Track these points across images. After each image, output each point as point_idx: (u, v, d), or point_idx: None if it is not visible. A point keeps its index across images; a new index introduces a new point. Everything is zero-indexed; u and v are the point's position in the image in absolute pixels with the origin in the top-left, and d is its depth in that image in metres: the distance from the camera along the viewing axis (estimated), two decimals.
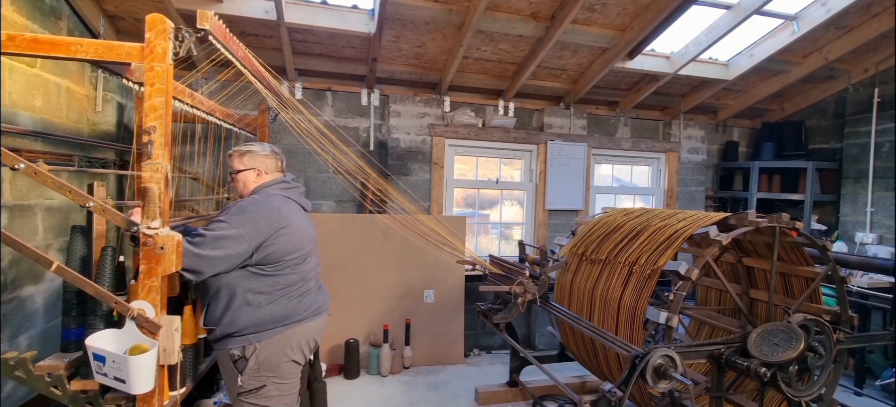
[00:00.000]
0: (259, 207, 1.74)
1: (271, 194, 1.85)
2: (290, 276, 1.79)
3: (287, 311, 1.78)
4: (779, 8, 3.44)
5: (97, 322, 1.67)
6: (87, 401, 1.60)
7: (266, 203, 1.78)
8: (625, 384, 1.88)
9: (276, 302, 1.76)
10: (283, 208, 1.80)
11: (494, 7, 3.05)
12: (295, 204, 1.90)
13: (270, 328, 1.74)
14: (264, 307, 1.73)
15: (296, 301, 1.81)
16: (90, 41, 1.46)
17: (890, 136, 4.07)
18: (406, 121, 3.93)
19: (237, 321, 1.71)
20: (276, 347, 1.75)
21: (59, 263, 1.40)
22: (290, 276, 1.79)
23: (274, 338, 1.75)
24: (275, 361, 1.75)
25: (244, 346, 1.72)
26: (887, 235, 4.07)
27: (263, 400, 1.77)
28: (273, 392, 1.77)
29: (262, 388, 1.75)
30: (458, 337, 3.85)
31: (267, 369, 1.74)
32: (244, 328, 1.71)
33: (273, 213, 1.75)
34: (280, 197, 1.85)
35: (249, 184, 1.90)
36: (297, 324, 1.80)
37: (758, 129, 5.15)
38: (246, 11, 2.92)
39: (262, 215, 1.72)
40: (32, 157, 1.78)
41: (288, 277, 1.79)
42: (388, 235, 3.64)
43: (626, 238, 2.58)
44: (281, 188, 1.90)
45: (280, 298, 1.77)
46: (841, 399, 2.63)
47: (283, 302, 1.77)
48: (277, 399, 1.79)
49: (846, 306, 2.52)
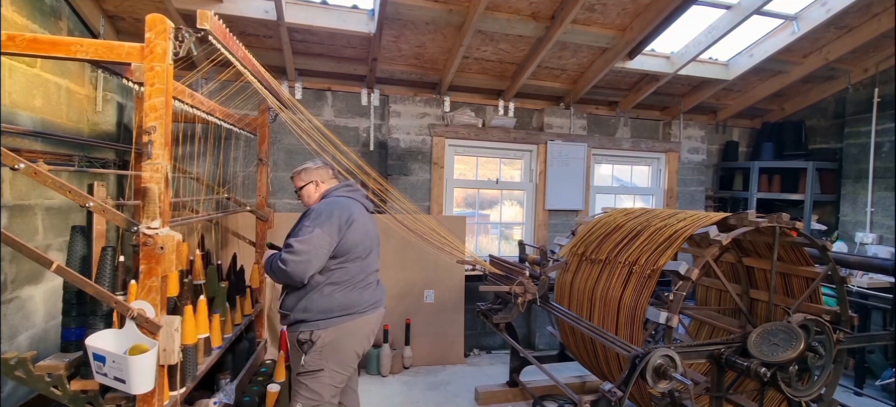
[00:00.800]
0: (331, 206, 2.00)
1: (338, 195, 2.12)
2: (354, 268, 2.01)
3: (351, 301, 1.98)
4: (779, 8, 3.44)
5: (97, 322, 1.67)
6: (87, 401, 1.60)
7: (336, 202, 2.04)
8: (625, 384, 1.88)
9: (342, 292, 1.97)
10: (350, 206, 2.05)
11: (494, 7, 3.05)
12: (359, 204, 2.14)
13: (336, 316, 1.94)
14: (333, 296, 1.95)
15: (358, 292, 2.02)
16: (90, 41, 1.46)
17: (890, 136, 4.07)
18: (406, 121, 3.93)
19: (309, 308, 1.93)
20: (340, 334, 1.95)
21: (59, 263, 1.40)
22: (353, 268, 2.01)
23: (339, 326, 1.95)
24: (336, 346, 1.95)
25: (312, 330, 1.93)
26: (887, 235, 4.07)
27: (316, 384, 1.95)
28: (327, 379, 1.95)
29: (320, 371, 1.94)
30: (458, 337, 3.85)
31: (330, 354, 1.94)
32: (316, 315, 1.92)
33: (343, 209, 2.00)
34: (346, 197, 2.11)
35: (313, 194, 2.18)
36: (359, 315, 2.01)
37: (758, 129, 5.15)
38: (246, 11, 2.92)
39: (335, 212, 1.97)
40: (32, 157, 1.78)
41: (352, 269, 2.00)
42: (389, 234, 3.64)
43: (626, 238, 2.58)
44: (345, 191, 2.16)
45: (346, 288, 1.98)
46: (841, 399, 2.63)
47: (348, 292, 1.98)
48: (328, 387, 1.97)
49: (846, 306, 2.52)
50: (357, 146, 3.95)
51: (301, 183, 2.19)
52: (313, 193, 2.17)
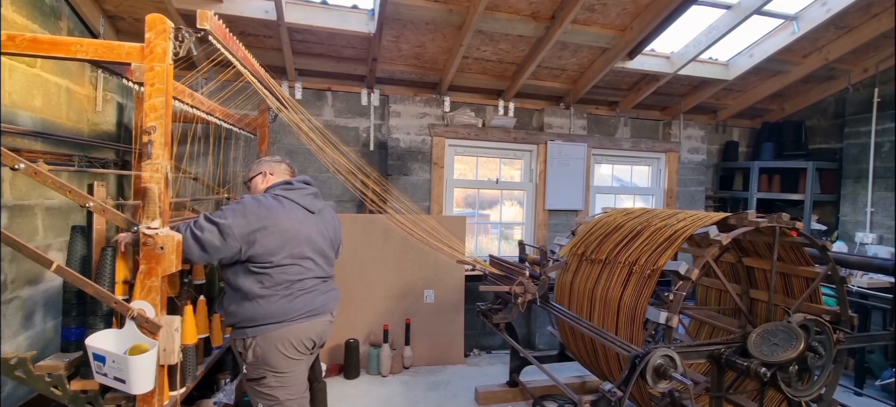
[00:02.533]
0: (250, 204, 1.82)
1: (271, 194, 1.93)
2: (283, 275, 1.84)
3: (280, 309, 1.84)
4: (779, 8, 3.44)
5: (97, 322, 1.68)
6: (87, 401, 1.60)
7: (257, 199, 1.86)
8: (625, 384, 1.88)
9: (268, 300, 1.82)
10: (272, 206, 1.85)
11: (494, 7, 3.05)
12: (293, 203, 1.93)
13: (263, 324, 1.82)
14: (259, 304, 1.81)
15: (287, 301, 1.86)
16: (90, 41, 1.46)
17: (890, 136, 4.07)
18: (406, 121, 3.93)
19: (238, 314, 1.82)
20: (270, 343, 1.83)
21: (59, 263, 1.40)
22: (282, 275, 1.84)
23: (268, 334, 1.82)
24: (269, 355, 1.84)
25: (244, 339, 1.84)
26: (887, 235, 4.07)
27: (266, 389, 1.87)
28: (274, 383, 1.87)
29: (263, 379, 1.86)
30: (458, 337, 3.85)
31: (263, 363, 1.84)
32: (244, 322, 1.82)
33: (260, 209, 1.81)
34: (276, 196, 1.92)
35: (259, 186, 2.04)
36: (290, 323, 1.86)
37: (758, 129, 5.15)
38: (246, 11, 2.92)
39: (249, 211, 1.78)
40: (32, 157, 1.78)
41: (280, 276, 1.84)
42: (388, 234, 3.64)
43: (626, 238, 2.58)
44: (281, 189, 1.96)
45: (272, 296, 1.82)
46: (841, 399, 2.63)
47: (276, 301, 1.83)
48: (280, 389, 1.88)
49: (846, 306, 2.52)
50: (357, 146, 3.95)
51: (252, 173, 2.08)
52: (260, 185, 2.04)
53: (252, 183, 2.08)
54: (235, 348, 1.91)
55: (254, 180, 2.07)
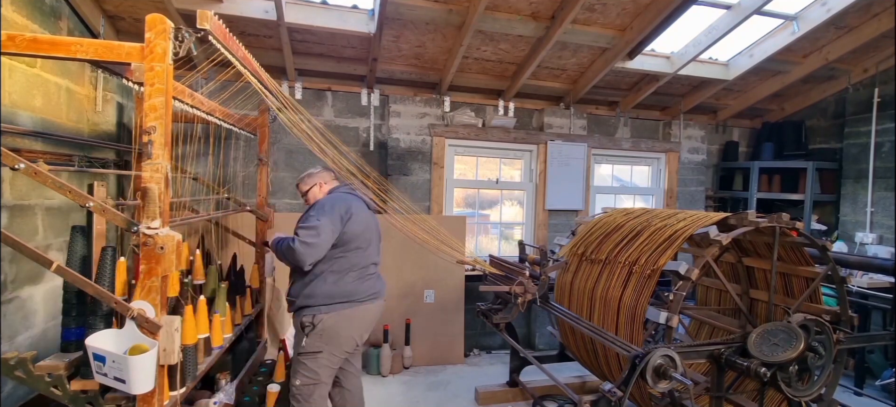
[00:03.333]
0: (333, 200, 2.19)
1: (339, 192, 2.30)
2: (355, 258, 2.17)
3: (352, 289, 2.14)
4: (779, 8, 3.44)
5: (97, 322, 1.67)
6: (87, 401, 1.60)
7: (337, 197, 2.23)
8: (625, 384, 1.88)
9: (343, 281, 2.13)
10: (349, 201, 2.22)
11: (494, 7, 3.05)
12: (360, 201, 2.31)
13: (338, 302, 2.11)
14: (335, 284, 2.11)
15: (359, 282, 2.18)
16: (90, 41, 1.46)
17: (890, 136, 4.07)
18: (406, 121, 3.93)
19: (313, 294, 2.10)
20: (340, 319, 2.11)
21: (59, 263, 1.40)
22: (354, 258, 2.17)
23: (339, 312, 2.11)
24: (336, 330, 2.11)
25: (314, 314, 2.10)
26: (887, 235, 4.07)
27: (315, 364, 2.12)
28: (324, 361, 2.12)
29: (319, 353, 2.11)
30: (458, 337, 3.85)
31: (329, 339, 2.11)
32: (317, 300, 2.09)
33: (343, 203, 2.18)
34: (346, 194, 2.28)
35: (318, 195, 2.34)
36: (359, 303, 2.16)
37: (758, 129, 5.15)
38: (246, 11, 2.92)
39: (336, 205, 2.15)
40: (32, 157, 1.78)
41: (353, 259, 2.16)
42: (389, 234, 3.62)
43: (626, 238, 2.58)
44: (346, 189, 2.34)
45: (347, 277, 2.14)
46: (841, 399, 2.63)
47: (349, 281, 2.14)
48: (326, 368, 2.15)
49: (846, 306, 2.52)
50: (357, 146, 3.95)
51: (306, 187, 2.36)
52: (318, 194, 2.33)
53: (310, 193, 2.35)
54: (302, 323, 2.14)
55: (312, 191, 2.35)
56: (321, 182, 2.37)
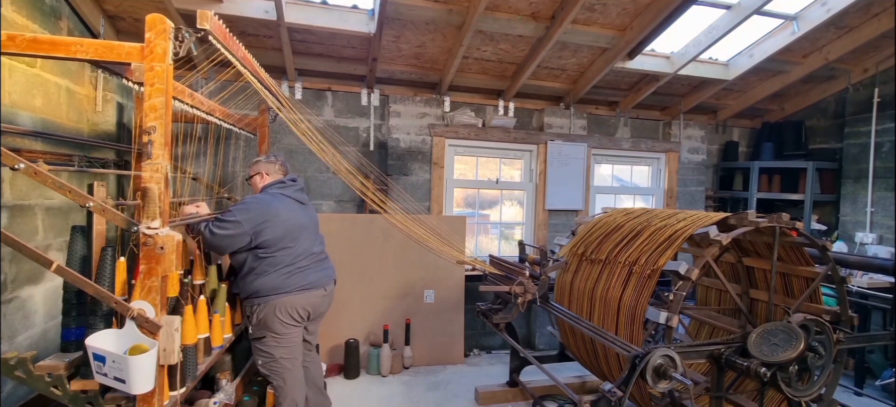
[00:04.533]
0: (254, 204, 2.30)
1: (268, 193, 2.40)
2: (282, 256, 2.32)
3: (277, 284, 2.30)
4: (779, 8, 3.44)
5: (97, 322, 1.67)
6: (87, 401, 1.60)
7: (263, 200, 2.35)
8: (625, 384, 1.88)
9: (270, 277, 2.29)
10: (272, 204, 2.33)
11: (494, 7, 3.05)
12: (288, 199, 2.40)
13: (265, 295, 2.29)
14: (260, 279, 2.29)
15: (285, 277, 2.32)
16: (90, 41, 1.46)
17: (890, 136, 4.07)
18: (406, 121, 3.93)
19: (246, 289, 2.32)
20: (269, 309, 2.30)
21: (59, 263, 1.40)
22: (281, 256, 2.32)
23: (269, 303, 2.30)
24: (268, 319, 2.31)
25: (251, 306, 2.33)
26: (887, 235, 4.07)
27: (265, 347, 2.35)
28: (271, 343, 2.35)
29: (263, 338, 2.34)
30: (458, 337, 3.85)
31: (263, 325, 2.32)
32: (251, 294, 2.31)
33: (263, 207, 2.29)
34: (275, 195, 2.38)
35: (258, 184, 2.48)
36: (286, 294, 2.32)
37: (758, 129, 5.15)
38: (246, 11, 2.92)
39: (255, 210, 2.27)
40: (32, 157, 1.78)
41: (280, 257, 2.31)
42: (388, 234, 3.64)
43: (626, 238, 2.58)
44: (277, 188, 2.43)
45: (274, 273, 2.30)
46: (841, 399, 2.63)
47: (275, 277, 2.30)
48: (277, 348, 2.35)
49: (846, 306, 2.52)
50: (357, 146, 3.95)
51: (252, 172, 2.52)
52: (258, 184, 2.49)
53: (252, 181, 2.51)
54: (245, 314, 2.40)
55: (253, 179, 2.50)
56: (265, 172, 2.48)
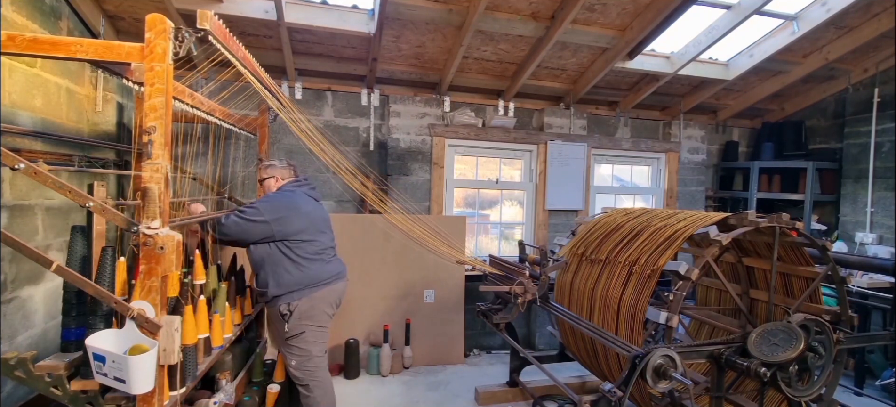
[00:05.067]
0: (276, 197, 2.45)
1: (287, 189, 2.52)
2: (309, 248, 2.39)
3: (316, 273, 2.38)
4: (779, 8, 3.44)
5: (97, 322, 1.67)
6: (87, 401, 1.60)
7: (283, 195, 2.47)
8: (625, 384, 1.88)
9: (305, 267, 2.35)
10: (292, 197, 2.44)
11: (494, 7, 3.05)
12: (305, 196, 2.52)
13: (307, 286, 2.34)
14: (297, 271, 2.34)
15: (320, 266, 2.41)
16: (90, 41, 1.46)
17: (890, 136, 4.07)
18: (406, 121, 3.93)
19: (283, 283, 2.32)
20: (314, 301, 2.36)
21: (59, 263, 1.40)
22: (308, 248, 2.38)
23: (313, 294, 2.35)
24: (311, 311, 2.36)
25: (289, 302, 2.31)
26: (887, 235, 4.07)
27: (304, 344, 2.37)
28: (311, 338, 2.38)
29: (302, 334, 2.36)
30: (458, 337, 3.85)
31: (306, 318, 2.35)
32: (289, 288, 2.32)
33: (284, 199, 2.42)
34: (293, 189, 2.51)
35: (272, 187, 2.57)
36: (325, 285, 2.40)
37: (758, 129, 5.15)
38: (246, 11, 2.92)
39: (277, 202, 2.40)
40: (32, 157, 1.78)
41: (307, 249, 2.38)
42: (388, 234, 3.64)
43: (626, 238, 2.58)
44: (293, 185, 2.56)
45: (307, 264, 2.36)
46: (841, 399, 2.63)
47: (311, 267, 2.37)
48: (315, 344, 2.39)
49: (846, 306, 2.52)
50: (357, 146, 3.95)
51: (264, 175, 2.58)
52: (273, 186, 2.57)
53: (266, 184, 2.58)
54: (277, 312, 2.34)
55: (267, 183, 2.58)
56: (278, 176, 2.58)
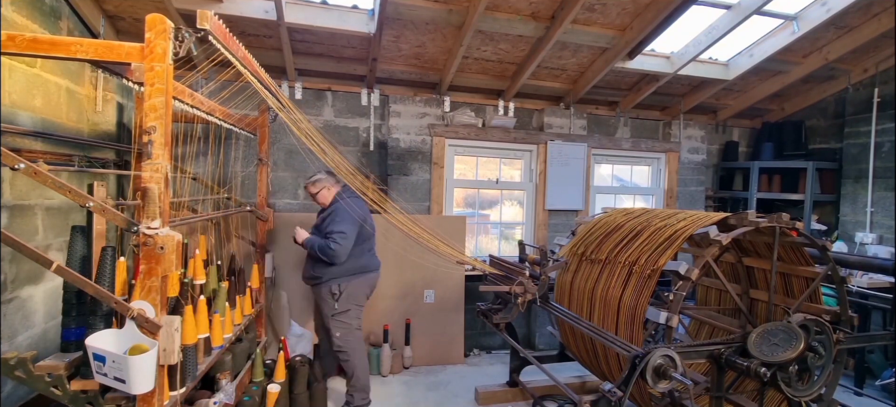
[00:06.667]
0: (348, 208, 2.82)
1: (346, 197, 2.87)
2: (363, 243, 2.90)
3: (362, 264, 2.91)
4: (779, 8, 3.44)
5: (97, 322, 1.67)
6: (87, 401, 1.60)
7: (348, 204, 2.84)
8: (625, 384, 1.88)
9: (355, 258, 2.85)
10: (354, 207, 2.84)
11: (494, 7, 3.05)
12: (358, 198, 2.87)
13: (354, 273, 2.87)
14: (350, 261, 2.82)
15: (367, 258, 2.95)
16: (90, 41, 1.46)
17: (890, 136, 4.07)
18: (406, 121, 3.93)
19: (333, 270, 2.80)
20: (358, 284, 2.89)
21: (59, 263, 1.40)
22: (363, 243, 2.90)
23: (355, 280, 2.88)
24: (355, 292, 2.88)
25: (340, 284, 2.83)
26: (887, 235, 4.07)
27: (349, 319, 2.87)
28: (354, 315, 2.89)
29: (348, 311, 2.86)
30: (458, 337, 3.85)
31: (351, 299, 2.86)
32: (338, 274, 2.82)
33: (353, 213, 2.82)
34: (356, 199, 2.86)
35: (327, 197, 2.93)
36: (367, 273, 2.95)
37: (758, 129, 5.15)
38: (246, 11, 2.92)
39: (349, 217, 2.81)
40: (32, 157, 1.78)
41: (362, 244, 2.89)
42: (389, 234, 3.64)
43: (626, 238, 2.58)
44: (348, 193, 2.89)
45: (357, 255, 2.87)
46: (841, 399, 2.63)
47: (361, 257, 2.90)
48: (356, 320, 2.91)
49: (846, 306, 2.52)
50: (357, 146, 3.95)
51: (315, 190, 2.93)
52: (327, 196, 2.93)
53: (320, 195, 2.93)
54: (330, 293, 2.82)
55: (321, 193, 2.92)
56: (328, 186, 2.93)
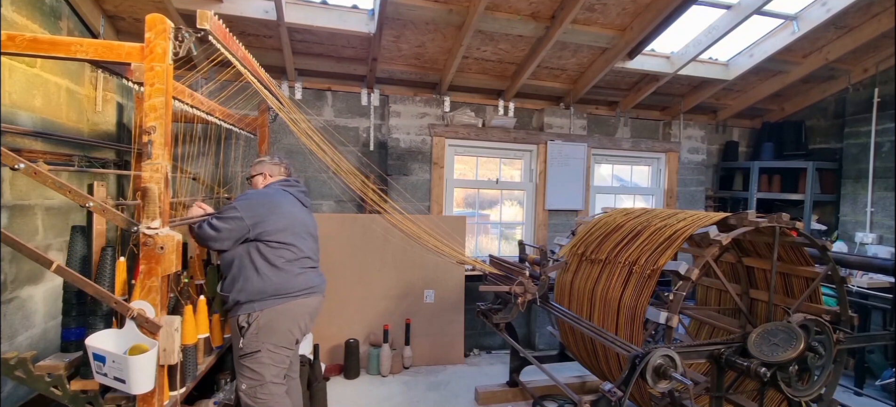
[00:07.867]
0: (256, 194, 2.22)
1: (272, 187, 2.30)
2: (284, 253, 2.11)
3: (283, 284, 2.08)
4: (779, 8, 3.44)
5: (97, 322, 1.67)
6: (87, 401, 1.60)
7: (262, 192, 2.25)
8: (625, 384, 1.88)
9: (275, 275, 2.07)
10: (275, 196, 2.20)
11: (494, 7, 3.05)
12: (291, 196, 2.27)
13: (270, 297, 2.04)
14: (267, 278, 2.05)
15: (292, 277, 2.11)
16: (90, 41, 1.46)
17: (890, 136, 4.07)
18: (406, 121, 3.93)
19: (246, 290, 2.03)
20: (274, 315, 2.05)
21: (59, 263, 1.40)
22: (284, 253, 2.11)
23: (273, 308, 2.05)
24: (271, 328, 2.05)
25: (249, 313, 2.03)
26: (887, 235, 4.07)
27: (256, 365, 2.04)
28: (266, 359, 2.05)
29: (258, 353, 2.03)
30: (458, 337, 3.85)
31: (263, 336, 2.03)
32: (251, 296, 2.03)
33: (265, 198, 2.18)
34: (276, 189, 2.27)
35: (260, 184, 2.36)
36: (293, 298, 2.10)
37: (758, 129, 5.15)
38: (246, 11, 2.92)
39: (256, 199, 2.16)
40: (32, 157, 1.78)
41: (283, 253, 2.11)
42: (388, 234, 3.64)
43: (626, 238, 2.58)
44: (280, 184, 2.32)
45: (279, 272, 2.08)
46: (841, 399, 2.63)
47: (281, 276, 2.08)
48: (269, 367, 2.06)
49: (846, 306, 2.51)
50: (357, 146, 3.95)
51: (253, 173, 2.39)
52: (260, 184, 2.35)
53: (253, 181, 2.37)
54: (238, 323, 2.06)
55: (255, 179, 2.37)
56: (267, 173, 2.36)
